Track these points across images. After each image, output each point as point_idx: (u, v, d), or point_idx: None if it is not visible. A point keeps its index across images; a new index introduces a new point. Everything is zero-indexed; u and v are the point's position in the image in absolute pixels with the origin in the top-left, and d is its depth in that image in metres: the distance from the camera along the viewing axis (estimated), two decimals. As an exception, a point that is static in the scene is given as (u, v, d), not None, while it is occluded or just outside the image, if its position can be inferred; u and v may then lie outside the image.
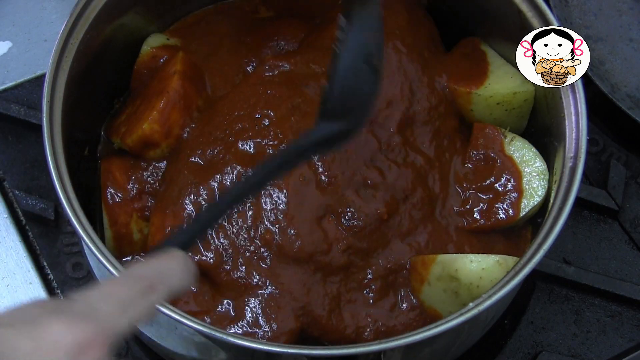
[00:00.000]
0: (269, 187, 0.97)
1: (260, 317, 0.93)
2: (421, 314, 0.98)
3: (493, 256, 0.93)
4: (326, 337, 0.96)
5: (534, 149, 1.04)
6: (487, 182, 1.03)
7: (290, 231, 0.95)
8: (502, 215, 1.02)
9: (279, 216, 0.96)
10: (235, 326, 0.93)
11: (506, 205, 1.02)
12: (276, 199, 0.96)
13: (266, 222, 0.96)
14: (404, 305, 0.98)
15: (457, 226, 1.03)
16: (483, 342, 1.06)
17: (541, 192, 1.01)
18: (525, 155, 1.04)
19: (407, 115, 1.03)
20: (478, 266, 0.92)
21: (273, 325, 0.93)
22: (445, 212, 1.03)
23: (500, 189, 1.03)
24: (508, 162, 1.03)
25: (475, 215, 1.03)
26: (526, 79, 1.07)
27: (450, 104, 1.07)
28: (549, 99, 1.05)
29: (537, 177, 1.02)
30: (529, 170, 1.03)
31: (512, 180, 1.02)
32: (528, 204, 1.01)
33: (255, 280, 0.94)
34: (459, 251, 1.00)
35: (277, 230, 0.95)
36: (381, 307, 0.98)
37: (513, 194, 1.02)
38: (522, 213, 1.01)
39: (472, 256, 0.93)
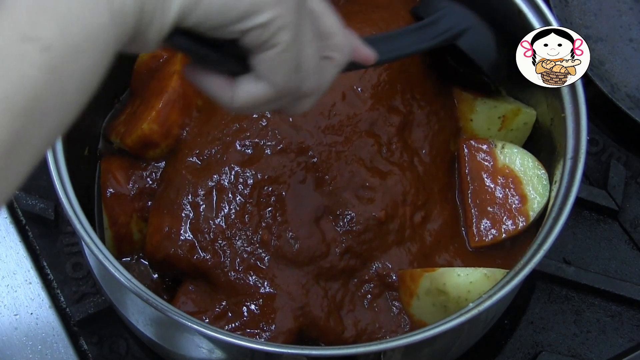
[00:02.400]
0: (267, 189, 0.96)
1: (258, 318, 0.93)
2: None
3: (481, 269, 0.93)
4: (324, 339, 0.96)
5: (525, 152, 1.04)
6: (488, 196, 1.03)
7: (288, 234, 0.95)
8: (512, 226, 1.00)
9: (277, 218, 0.95)
10: (233, 326, 0.93)
11: (513, 214, 1.01)
12: (275, 201, 0.96)
13: (264, 224, 0.96)
14: (403, 312, 0.98)
15: (468, 244, 1.03)
16: (483, 342, 1.06)
17: (544, 192, 1.00)
18: (519, 160, 1.03)
19: (408, 119, 1.03)
20: (466, 279, 0.92)
21: (271, 325, 0.92)
22: (446, 217, 1.02)
23: (503, 200, 1.02)
24: (504, 171, 1.03)
25: (482, 232, 1.01)
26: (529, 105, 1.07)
27: (450, 109, 1.07)
28: (549, 100, 1.05)
29: (537, 178, 1.02)
30: (528, 174, 1.02)
31: (512, 187, 1.02)
32: (534, 207, 1.00)
33: (253, 281, 0.94)
34: (455, 258, 1.00)
35: (275, 231, 0.95)
36: (380, 312, 0.97)
37: (517, 202, 1.01)
38: (532, 219, 1.00)
39: (459, 270, 0.93)
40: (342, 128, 1.00)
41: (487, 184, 1.03)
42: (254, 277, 0.94)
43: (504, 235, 1.01)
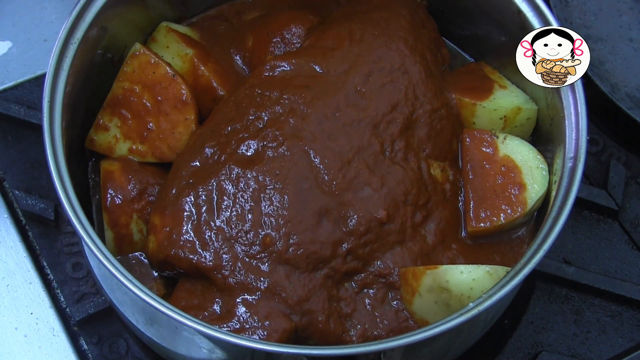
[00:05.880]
0: (269, 191, 0.96)
1: (255, 317, 0.92)
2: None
3: (483, 266, 0.93)
4: (324, 341, 0.95)
5: (527, 143, 1.05)
6: (487, 184, 1.03)
7: (291, 238, 0.95)
8: (510, 213, 1.01)
9: (279, 221, 0.95)
10: (229, 325, 0.93)
11: (512, 201, 1.01)
12: (277, 203, 0.96)
13: (266, 227, 0.95)
14: (405, 312, 0.98)
15: (465, 230, 1.03)
16: (483, 342, 1.06)
17: (543, 182, 1.01)
18: (520, 151, 1.04)
19: (410, 120, 1.03)
20: (468, 277, 0.92)
21: (266, 324, 0.92)
22: (447, 216, 1.03)
23: (502, 188, 1.02)
24: (505, 160, 1.03)
25: (481, 217, 1.02)
26: (530, 98, 1.07)
27: (451, 107, 1.07)
28: (549, 100, 1.05)
29: (537, 168, 1.02)
30: (528, 164, 1.03)
31: (512, 176, 1.02)
32: (532, 196, 1.01)
33: (252, 282, 0.94)
34: (458, 256, 1.00)
35: (277, 235, 0.95)
36: (381, 314, 0.97)
37: (516, 190, 1.02)
38: (529, 207, 1.01)
39: (462, 267, 0.93)
40: (345, 129, 1.00)
41: (487, 173, 1.04)
42: (254, 280, 0.93)
43: (502, 221, 1.01)
